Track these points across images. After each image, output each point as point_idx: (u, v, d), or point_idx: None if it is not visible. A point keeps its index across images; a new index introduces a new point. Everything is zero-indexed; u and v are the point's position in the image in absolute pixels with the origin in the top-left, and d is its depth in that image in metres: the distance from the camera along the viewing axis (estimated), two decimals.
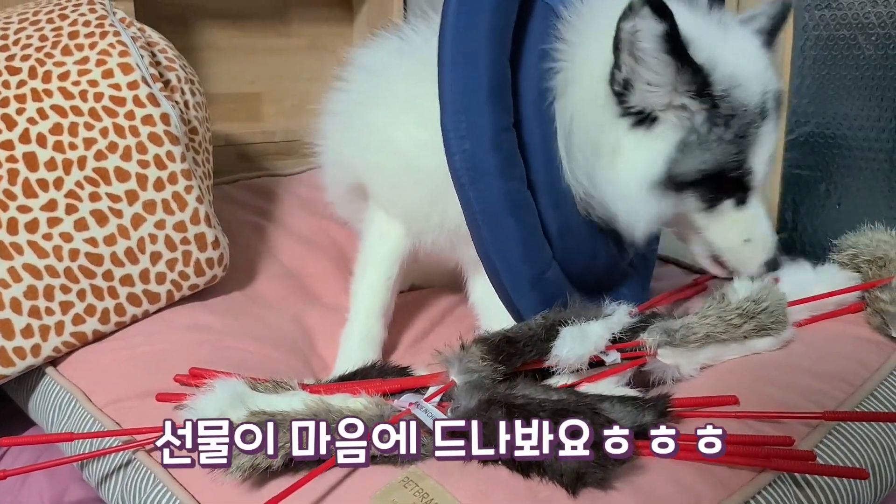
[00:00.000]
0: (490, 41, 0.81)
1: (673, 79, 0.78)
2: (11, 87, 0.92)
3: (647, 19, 0.74)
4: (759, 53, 0.84)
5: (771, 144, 0.83)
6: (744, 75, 0.80)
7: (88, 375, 0.89)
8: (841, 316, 0.88)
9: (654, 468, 0.62)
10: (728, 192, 0.84)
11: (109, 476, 0.75)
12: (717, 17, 0.84)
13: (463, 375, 0.70)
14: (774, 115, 0.83)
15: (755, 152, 0.82)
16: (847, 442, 0.69)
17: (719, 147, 0.80)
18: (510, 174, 0.81)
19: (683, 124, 0.80)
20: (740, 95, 0.80)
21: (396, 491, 0.60)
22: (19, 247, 0.89)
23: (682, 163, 0.81)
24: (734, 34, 0.84)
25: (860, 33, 1.26)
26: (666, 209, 0.84)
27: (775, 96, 0.83)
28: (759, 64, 0.83)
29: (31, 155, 0.90)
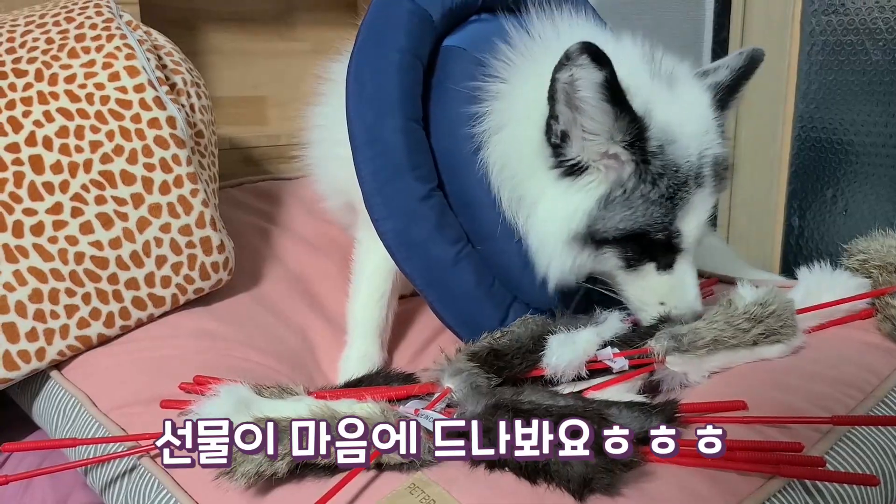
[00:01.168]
0: (397, 115, 0.85)
1: (610, 126, 0.75)
2: (18, 90, 0.91)
3: (585, 68, 0.72)
4: (704, 113, 0.80)
5: (704, 211, 0.80)
6: (681, 133, 0.77)
7: (93, 380, 0.89)
8: (851, 322, 0.87)
9: (662, 475, 0.62)
10: (651, 255, 0.81)
11: (113, 482, 0.75)
12: (669, 70, 0.81)
13: (455, 378, 0.70)
14: (712, 182, 0.79)
15: (685, 217, 0.78)
16: (857, 448, 0.68)
17: (643, 206, 0.77)
18: (439, 240, 0.84)
19: (610, 177, 0.78)
20: (674, 154, 0.76)
21: (402, 497, 0.60)
22: (24, 250, 0.89)
23: (604, 219, 0.78)
24: (683, 89, 0.80)
25: (867, 38, 1.26)
26: (582, 264, 0.82)
27: (715, 161, 0.79)
28: (702, 124, 0.79)
29: (36, 158, 0.90)
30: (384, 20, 0.88)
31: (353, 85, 0.87)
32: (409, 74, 0.87)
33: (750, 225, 1.42)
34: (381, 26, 0.88)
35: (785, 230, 1.38)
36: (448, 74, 0.88)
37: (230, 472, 0.62)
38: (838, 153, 1.31)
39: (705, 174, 0.79)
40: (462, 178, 0.86)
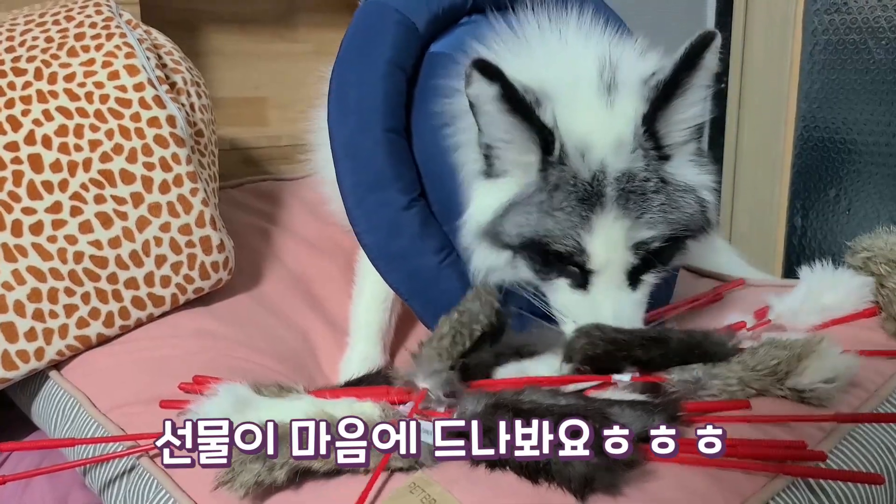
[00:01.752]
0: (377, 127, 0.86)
1: (517, 136, 0.75)
2: (17, 89, 0.91)
3: (479, 83, 0.72)
4: (621, 125, 0.74)
5: (612, 233, 0.73)
6: (586, 146, 0.74)
7: (92, 380, 0.88)
8: (855, 321, 0.87)
9: (664, 474, 0.61)
10: (561, 271, 0.77)
11: (112, 482, 0.75)
12: (612, 77, 0.76)
13: (429, 379, 0.69)
14: (616, 202, 0.73)
15: (589, 236, 0.73)
16: (862, 447, 0.68)
17: (538, 215, 0.75)
18: (422, 249, 0.86)
19: (520, 182, 0.77)
20: (572, 167, 0.74)
21: (403, 497, 0.59)
22: (23, 249, 0.88)
23: (505, 221, 0.77)
24: (616, 98, 0.75)
25: (869, 37, 1.25)
26: (496, 263, 0.81)
27: (620, 179, 0.73)
28: (613, 137, 0.74)
29: (36, 157, 0.90)
30: (366, 31, 0.90)
31: (335, 97, 0.89)
32: (391, 85, 0.88)
33: (752, 225, 1.42)
34: (363, 37, 0.90)
35: (787, 230, 1.38)
36: (430, 82, 0.89)
37: (229, 481, 0.61)
38: (841, 152, 1.31)
39: (606, 192, 0.73)
40: (444, 186, 0.87)
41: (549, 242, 0.75)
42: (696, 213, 0.76)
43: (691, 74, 0.72)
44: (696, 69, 0.71)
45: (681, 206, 0.75)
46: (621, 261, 0.75)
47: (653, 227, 0.74)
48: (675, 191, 0.75)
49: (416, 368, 0.70)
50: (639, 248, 0.74)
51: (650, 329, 0.77)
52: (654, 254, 0.75)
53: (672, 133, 0.75)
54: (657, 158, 0.74)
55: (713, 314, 0.96)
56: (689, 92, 0.73)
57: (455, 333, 0.72)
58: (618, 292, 0.76)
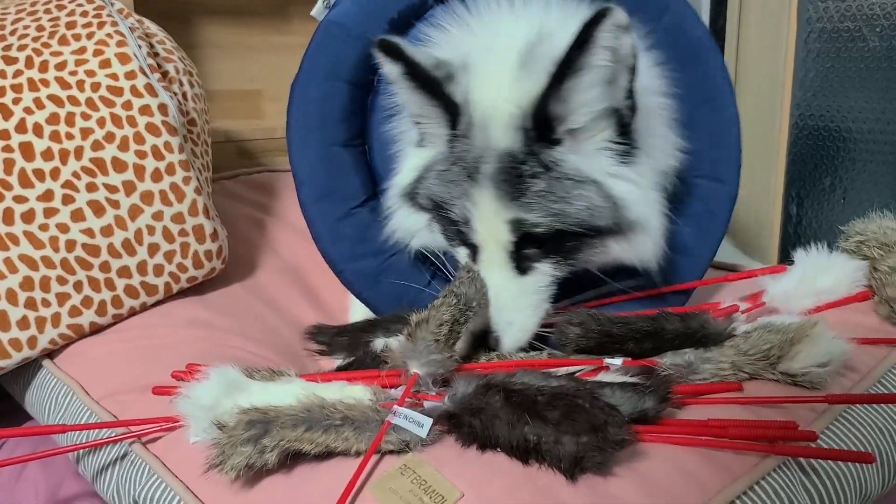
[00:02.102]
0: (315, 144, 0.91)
1: (430, 110, 0.77)
2: (8, 77, 0.91)
3: (385, 63, 0.75)
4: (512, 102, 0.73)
5: (489, 208, 0.74)
6: (483, 121, 0.74)
7: (85, 368, 0.88)
8: (848, 305, 0.87)
9: (655, 455, 0.61)
10: (461, 238, 0.80)
11: (105, 469, 0.75)
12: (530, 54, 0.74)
13: (425, 367, 0.69)
14: (492, 179, 0.73)
15: (473, 210, 0.76)
16: (853, 428, 0.68)
17: (439, 182, 0.78)
18: (360, 253, 0.91)
19: (436, 150, 0.80)
20: (469, 143, 0.75)
21: (394, 479, 0.59)
22: (15, 237, 0.88)
23: (421, 184, 0.81)
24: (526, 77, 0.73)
25: (864, 25, 1.25)
26: (416, 225, 0.85)
27: (500, 157, 0.73)
28: (503, 116, 0.73)
29: (27, 145, 0.90)
30: (313, 51, 0.92)
31: (288, 114, 0.93)
32: (332, 102, 0.91)
33: (748, 213, 1.41)
34: (310, 58, 0.92)
35: (783, 218, 1.38)
36: (384, 86, 0.92)
37: (220, 464, 0.61)
38: (836, 141, 1.31)
39: (483, 170, 0.73)
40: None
41: (448, 209, 0.78)
42: (598, 208, 0.73)
43: (585, 54, 0.68)
44: (589, 48, 0.67)
45: (568, 197, 0.72)
46: (499, 239, 0.75)
47: (529, 211, 0.72)
48: (561, 179, 0.72)
49: (412, 353, 0.70)
50: (518, 230, 0.74)
51: (645, 321, 0.76)
52: (547, 243, 0.75)
53: (568, 117, 0.71)
54: (545, 141, 0.72)
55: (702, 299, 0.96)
56: (586, 73, 0.69)
57: (454, 321, 0.72)
58: (499, 272, 0.76)
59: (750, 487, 0.60)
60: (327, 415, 0.63)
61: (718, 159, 0.92)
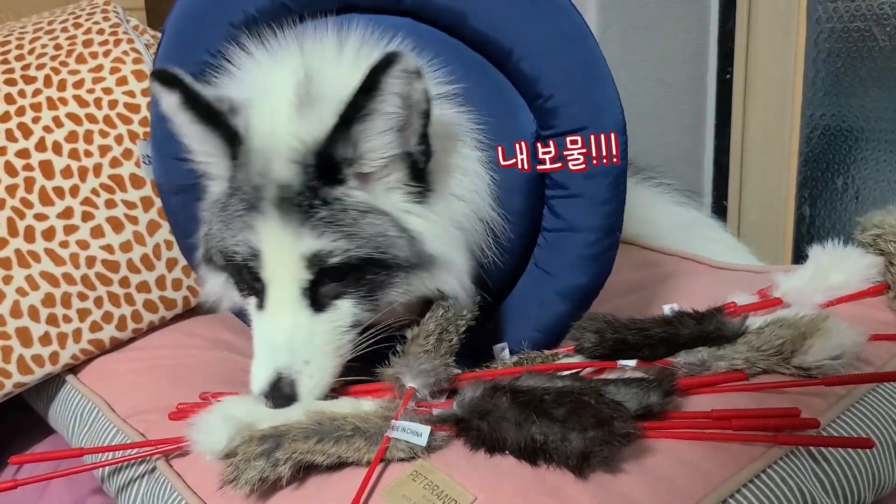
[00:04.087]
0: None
1: (210, 145, 0.71)
2: (27, 96, 0.92)
3: (162, 94, 0.69)
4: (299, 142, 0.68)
5: (276, 236, 0.68)
6: (265, 155, 0.69)
7: (111, 386, 0.89)
8: (862, 299, 0.86)
9: (661, 448, 0.62)
10: (247, 286, 0.72)
11: (129, 485, 0.75)
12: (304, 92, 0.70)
13: (417, 379, 0.68)
14: (276, 209, 0.68)
15: (257, 239, 0.69)
16: (865, 417, 0.69)
17: (219, 225, 0.72)
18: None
19: (217, 188, 0.74)
20: (249, 172, 0.69)
21: (406, 486, 0.60)
22: (36, 255, 0.89)
23: (209, 236, 0.74)
24: (309, 115, 0.69)
25: (874, 24, 1.25)
26: (218, 287, 0.78)
27: (282, 188, 0.68)
28: (287, 149, 0.69)
29: (47, 163, 0.91)
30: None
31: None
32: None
33: (760, 215, 1.41)
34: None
35: (796, 219, 1.38)
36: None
37: (234, 479, 0.62)
38: (847, 140, 1.31)
39: (266, 199, 0.68)
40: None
41: (230, 253, 0.71)
42: (392, 238, 0.70)
43: (373, 99, 0.66)
44: (377, 94, 0.65)
45: (356, 224, 0.69)
46: (293, 272, 0.68)
47: (319, 239, 0.68)
48: (347, 209, 0.69)
49: (404, 367, 0.69)
50: (313, 262, 0.68)
51: (661, 326, 0.76)
52: (346, 277, 0.69)
53: (355, 160, 0.69)
54: (328, 179, 0.69)
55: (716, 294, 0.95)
56: (374, 119, 0.67)
57: (441, 330, 0.71)
58: (291, 309, 0.69)
59: (756, 476, 0.60)
60: (338, 426, 0.64)
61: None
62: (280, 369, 0.68)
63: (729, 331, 0.76)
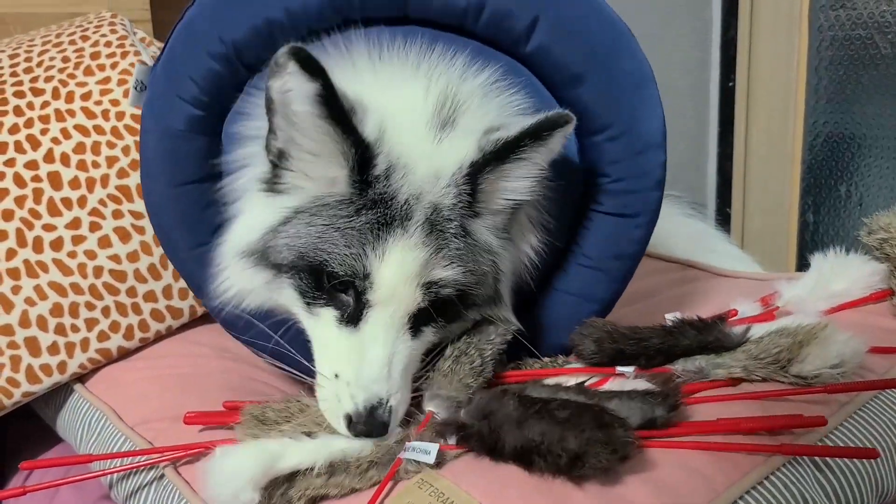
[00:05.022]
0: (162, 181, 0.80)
1: (329, 147, 0.66)
2: (36, 108, 0.93)
3: (295, 76, 0.62)
4: (448, 159, 0.68)
5: (408, 260, 0.66)
6: (408, 168, 0.67)
7: (119, 395, 0.89)
8: (865, 306, 0.86)
9: (665, 456, 0.62)
10: (332, 298, 0.68)
11: (136, 493, 0.76)
12: (451, 115, 0.70)
13: (434, 401, 0.69)
14: (420, 231, 0.66)
15: (378, 260, 0.65)
16: (867, 425, 0.69)
17: (323, 228, 0.67)
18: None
19: (310, 194, 0.68)
20: (393, 187, 0.67)
21: (412, 493, 0.61)
22: (45, 265, 0.90)
23: (280, 234, 0.68)
24: (451, 133, 0.69)
25: (876, 32, 1.26)
26: (252, 284, 0.73)
27: (428, 209, 0.67)
28: (434, 168, 0.68)
29: (55, 174, 0.92)
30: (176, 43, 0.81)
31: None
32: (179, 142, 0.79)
33: (764, 223, 1.42)
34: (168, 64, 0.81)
35: (800, 226, 1.38)
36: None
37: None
38: (850, 147, 1.31)
39: (415, 218, 0.66)
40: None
41: (326, 261, 0.66)
42: (490, 278, 0.71)
43: (533, 146, 0.67)
44: (539, 143, 0.67)
45: (478, 261, 0.69)
46: (408, 297, 0.66)
47: (448, 268, 0.67)
48: (475, 245, 0.69)
49: (426, 390, 0.70)
50: (429, 290, 0.67)
51: (660, 337, 0.76)
52: (441, 304, 0.68)
53: (490, 195, 0.70)
54: (468, 209, 0.69)
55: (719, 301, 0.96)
56: (524, 164, 0.68)
57: (460, 354, 0.71)
58: (395, 335, 0.67)
59: (759, 483, 0.61)
60: (356, 465, 0.64)
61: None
62: (381, 395, 0.66)
63: (730, 341, 0.77)
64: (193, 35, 0.78)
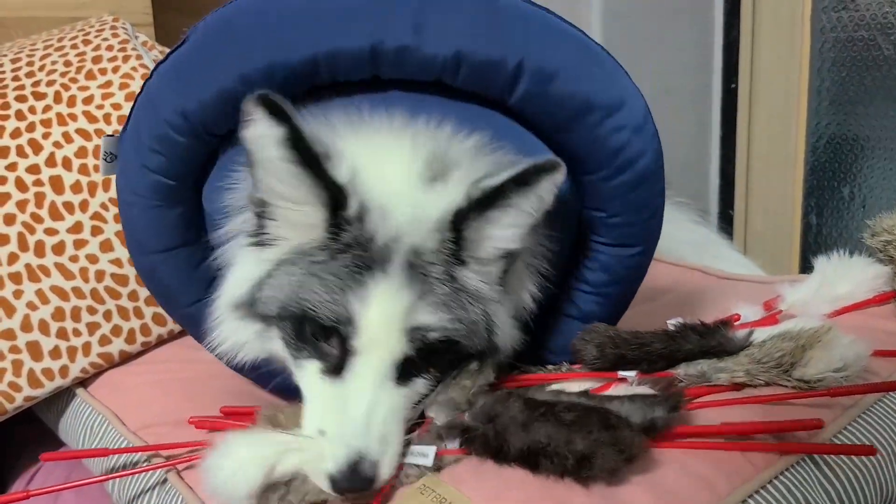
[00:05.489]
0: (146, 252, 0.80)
1: (304, 192, 0.65)
2: (37, 113, 0.94)
3: (262, 122, 0.62)
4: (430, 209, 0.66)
5: (391, 304, 0.64)
6: (384, 210, 0.65)
7: (121, 399, 0.89)
8: (869, 308, 0.86)
9: (667, 461, 0.62)
10: (315, 349, 0.66)
11: (139, 496, 0.76)
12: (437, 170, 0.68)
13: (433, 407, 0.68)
14: (401, 274, 0.64)
15: (362, 304, 0.63)
16: (871, 428, 0.69)
17: (303, 276, 0.65)
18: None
19: (293, 243, 0.67)
20: (371, 229, 0.65)
21: (414, 498, 0.60)
22: (46, 269, 0.90)
23: (266, 285, 0.67)
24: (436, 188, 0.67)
25: (879, 34, 1.25)
26: (244, 336, 0.72)
27: (409, 252, 0.65)
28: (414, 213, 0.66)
29: (56, 178, 0.92)
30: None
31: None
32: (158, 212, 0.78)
33: (767, 225, 1.42)
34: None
35: (803, 228, 1.38)
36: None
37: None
38: (853, 149, 1.31)
39: (394, 259, 0.65)
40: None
41: (308, 309, 0.64)
42: (482, 328, 0.69)
43: (519, 192, 0.65)
44: (526, 189, 0.65)
45: (467, 308, 0.67)
46: (393, 343, 0.64)
47: (434, 314, 0.65)
48: (463, 291, 0.67)
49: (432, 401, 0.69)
50: (414, 336, 0.65)
51: (662, 342, 0.76)
52: (429, 352, 0.66)
53: (477, 243, 0.67)
54: (453, 256, 0.67)
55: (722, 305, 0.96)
56: (510, 210, 0.66)
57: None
58: (380, 384, 0.65)
59: (762, 487, 0.60)
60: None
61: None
62: (361, 450, 0.62)
63: (731, 346, 0.76)
64: (153, 106, 0.76)
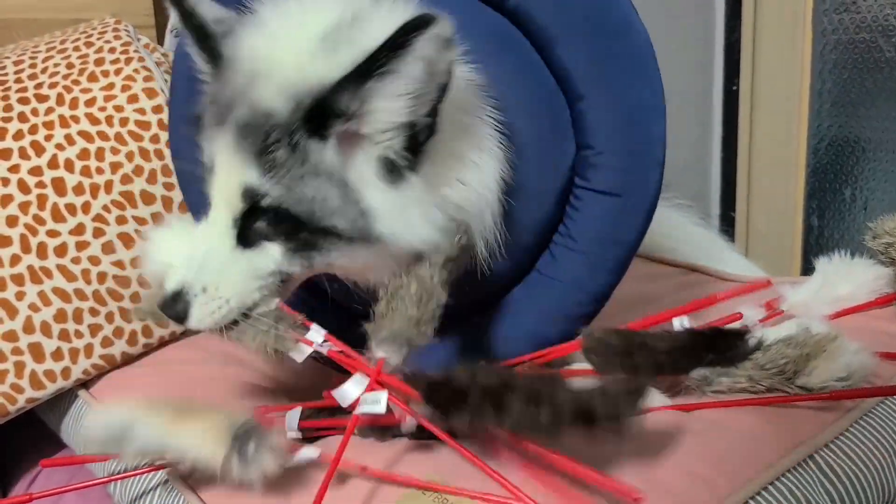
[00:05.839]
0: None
1: (197, 52, 0.70)
2: (40, 115, 0.94)
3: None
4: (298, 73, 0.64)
5: (224, 158, 0.65)
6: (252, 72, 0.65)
7: (122, 400, 0.89)
8: (871, 310, 0.85)
9: (666, 461, 0.62)
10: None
11: (140, 497, 0.76)
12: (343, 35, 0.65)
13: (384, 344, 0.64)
14: (235, 130, 0.64)
15: (216, 155, 0.66)
16: (873, 430, 0.69)
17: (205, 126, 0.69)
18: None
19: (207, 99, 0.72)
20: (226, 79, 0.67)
21: (416, 499, 0.60)
22: (49, 271, 0.90)
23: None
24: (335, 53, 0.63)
25: (880, 36, 1.25)
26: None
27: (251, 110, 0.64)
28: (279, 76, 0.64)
29: (59, 180, 0.92)
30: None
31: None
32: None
33: (769, 226, 1.42)
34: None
35: (804, 230, 1.38)
36: None
37: None
38: (855, 151, 1.31)
39: (232, 114, 0.65)
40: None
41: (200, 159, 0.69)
42: (336, 210, 0.65)
43: (397, 58, 0.59)
44: (404, 53, 0.59)
45: (305, 184, 0.64)
46: (232, 200, 0.65)
47: (261, 178, 0.64)
48: (305, 165, 0.64)
49: (370, 339, 0.65)
50: (247, 197, 0.65)
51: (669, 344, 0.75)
52: (276, 219, 0.65)
53: (352, 118, 0.63)
54: (309, 126, 0.64)
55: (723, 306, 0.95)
56: (394, 78, 0.61)
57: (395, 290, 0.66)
58: (220, 236, 0.66)
59: (764, 488, 0.60)
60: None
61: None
62: (184, 284, 0.66)
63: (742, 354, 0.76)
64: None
